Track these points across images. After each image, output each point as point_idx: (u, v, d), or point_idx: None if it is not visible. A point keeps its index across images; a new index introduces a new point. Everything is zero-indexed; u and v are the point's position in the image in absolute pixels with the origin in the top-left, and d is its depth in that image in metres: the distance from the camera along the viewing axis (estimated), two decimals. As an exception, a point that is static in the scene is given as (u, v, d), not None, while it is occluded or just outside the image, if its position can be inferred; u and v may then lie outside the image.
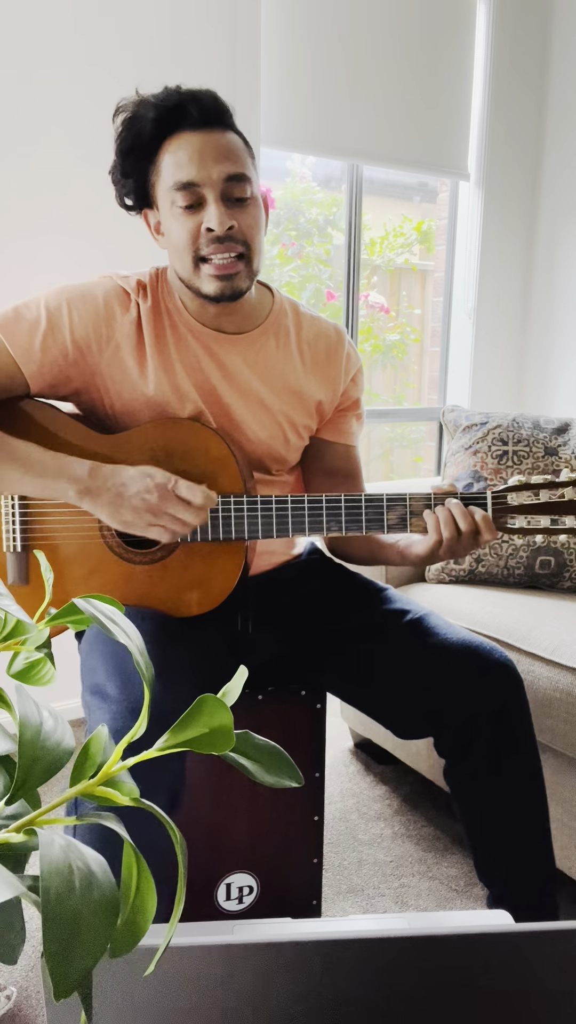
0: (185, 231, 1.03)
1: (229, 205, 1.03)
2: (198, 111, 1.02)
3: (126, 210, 1.12)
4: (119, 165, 1.08)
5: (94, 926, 0.35)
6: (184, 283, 1.08)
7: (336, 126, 2.34)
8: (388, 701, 1.16)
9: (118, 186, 1.10)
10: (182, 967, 0.54)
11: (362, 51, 2.34)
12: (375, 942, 0.55)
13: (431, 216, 3.46)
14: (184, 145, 1.02)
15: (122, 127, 1.06)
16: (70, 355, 1.08)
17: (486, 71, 2.59)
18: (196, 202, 1.03)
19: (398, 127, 2.46)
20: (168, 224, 1.06)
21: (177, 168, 1.02)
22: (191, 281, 1.07)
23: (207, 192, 1.02)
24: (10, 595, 0.49)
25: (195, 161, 1.01)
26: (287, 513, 1.07)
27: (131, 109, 1.05)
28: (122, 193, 1.11)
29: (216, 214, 1.01)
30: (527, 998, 0.57)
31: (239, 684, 0.46)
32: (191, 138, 1.02)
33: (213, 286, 1.05)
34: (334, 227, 3.37)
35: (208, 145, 1.02)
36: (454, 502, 1.05)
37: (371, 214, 3.46)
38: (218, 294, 1.06)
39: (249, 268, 1.06)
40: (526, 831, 1.13)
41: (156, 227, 1.10)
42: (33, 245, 1.88)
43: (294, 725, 1.25)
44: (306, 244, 3.38)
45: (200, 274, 1.05)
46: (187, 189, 1.02)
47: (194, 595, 1.09)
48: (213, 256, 1.03)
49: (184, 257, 1.05)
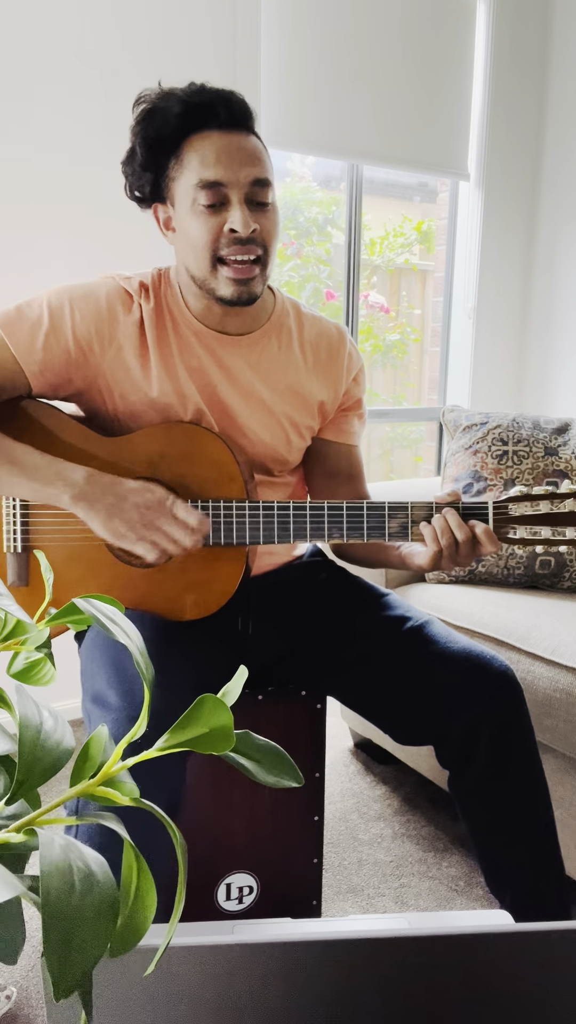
0: (206, 230, 1.03)
1: (252, 208, 1.03)
2: (227, 112, 1.02)
3: (136, 202, 1.11)
4: (140, 157, 1.06)
5: (94, 926, 0.35)
6: (197, 283, 1.07)
7: (336, 126, 2.34)
8: (387, 708, 1.16)
9: (132, 178, 1.09)
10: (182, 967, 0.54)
11: (362, 51, 2.34)
12: (375, 942, 0.55)
13: (431, 216, 3.46)
14: (211, 144, 1.02)
15: (143, 118, 1.04)
16: (72, 355, 1.07)
17: (486, 70, 2.59)
18: (219, 202, 1.02)
19: (398, 127, 2.46)
20: (185, 222, 1.05)
21: (203, 167, 1.01)
22: (206, 282, 1.06)
23: (232, 193, 1.02)
24: (10, 595, 0.49)
25: (223, 161, 1.01)
26: (289, 519, 1.07)
27: (153, 101, 1.04)
28: (135, 185, 1.09)
29: (241, 216, 1.01)
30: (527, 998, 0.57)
31: (239, 684, 0.46)
32: (219, 138, 1.02)
33: (230, 289, 1.05)
34: (333, 226, 3.37)
35: (236, 147, 1.02)
36: (450, 511, 1.05)
37: (371, 214, 3.46)
38: (234, 298, 1.05)
39: (264, 273, 1.06)
40: (532, 840, 1.12)
41: (166, 223, 1.09)
42: (34, 244, 1.88)
43: (294, 725, 1.25)
44: (305, 243, 3.38)
45: (217, 276, 1.05)
46: (212, 188, 1.01)
47: (194, 598, 1.09)
48: (233, 257, 1.03)
49: (201, 256, 1.04)
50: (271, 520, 1.06)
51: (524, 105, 2.69)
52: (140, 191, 1.09)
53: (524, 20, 2.63)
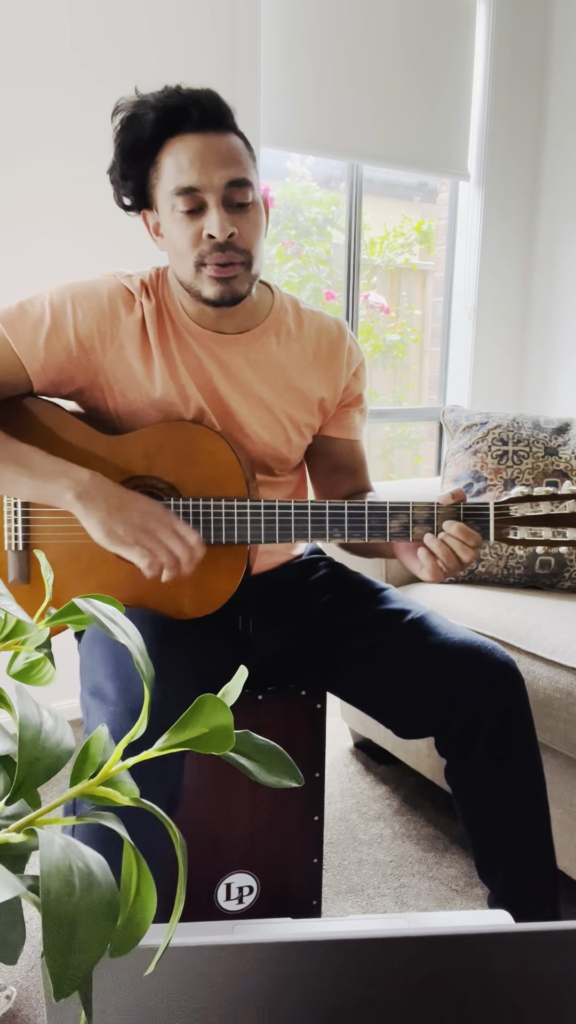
0: (186, 236, 1.03)
1: (230, 210, 1.02)
2: (199, 113, 1.01)
3: (124, 210, 1.12)
4: (118, 166, 1.07)
5: (94, 926, 0.34)
6: (184, 286, 1.08)
7: (336, 126, 2.34)
8: (389, 701, 1.16)
9: (116, 186, 1.09)
10: (182, 967, 0.54)
11: (362, 51, 2.34)
12: (375, 942, 0.55)
13: (431, 216, 3.46)
14: (185, 148, 1.01)
15: (121, 126, 1.05)
16: (74, 353, 1.07)
17: (486, 71, 2.59)
18: (197, 207, 1.02)
19: (398, 127, 2.46)
20: (168, 228, 1.05)
21: (178, 172, 1.01)
22: (192, 285, 1.06)
23: (208, 197, 1.01)
24: (10, 595, 0.49)
25: (196, 166, 1.00)
26: (290, 518, 1.06)
27: (130, 108, 1.04)
28: (121, 193, 1.10)
29: (217, 221, 1.01)
30: (527, 998, 0.57)
31: (239, 684, 0.46)
32: (192, 141, 1.01)
33: (213, 290, 1.05)
34: (333, 226, 3.37)
35: (210, 149, 1.01)
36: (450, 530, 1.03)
37: (371, 214, 3.46)
38: (218, 298, 1.05)
39: (249, 272, 1.06)
40: (527, 830, 1.13)
41: (155, 228, 1.10)
42: (35, 242, 1.88)
43: (294, 725, 1.25)
44: (305, 243, 3.38)
45: (201, 277, 1.05)
46: (188, 194, 1.01)
47: (195, 597, 1.09)
48: (214, 263, 1.03)
49: (185, 261, 1.05)
50: (272, 519, 1.06)
51: (524, 105, 2.69)
52: (126, 199, 1.10)
53: (524, 20, 2.63)
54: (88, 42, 1.87)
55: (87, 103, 1.89)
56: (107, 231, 1.95)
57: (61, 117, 1.86)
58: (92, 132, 1.90)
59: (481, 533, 1.05)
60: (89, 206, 1.92)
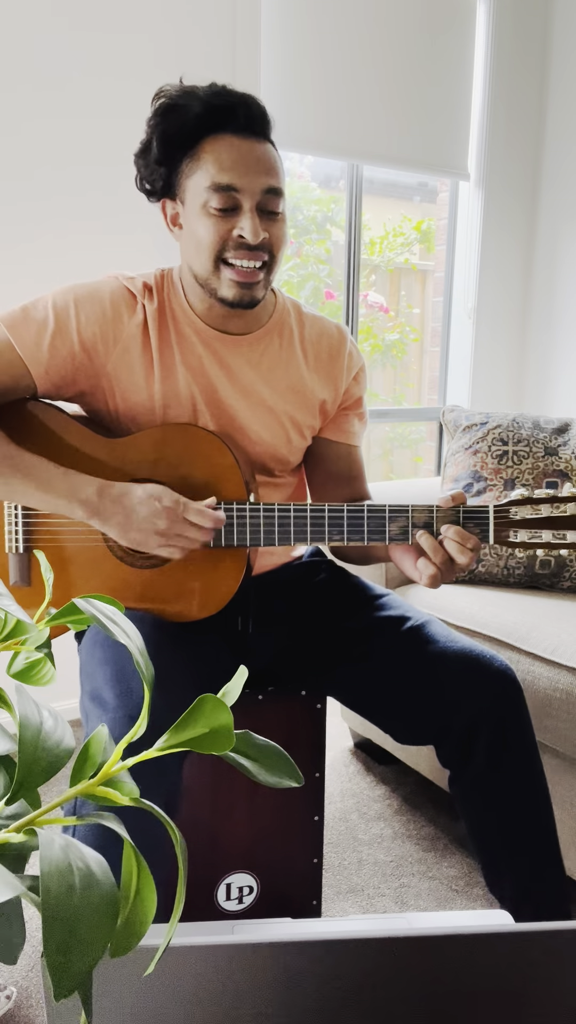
0: (214, 232, 1.03)
1: (262, 217, 1.03)
2: (247, 116, 1.02)
3: (145, 195, 1.11)
4: (156, 152, 1.06)
5: (94, 926, 0.35)
6: (199, 282, 1.08)
7: (336, 126, 2.34)
8: (387, 707, 1.16)
9: (145, 171, 1.08)
10: (182, 967, 0.54)
11: (362, 51, 2.34)
12: (375, 942, 0.55)
13: (431, 216, 3.46)
14: (229, 148, 1.01)
15: (161, 113, 1.04)
16: (77, 355, 1.07)
17: (486, 71, 2.59)
18: (231, 207, 1.02)
19: (398, 127, 2.46)
20: (194, 221, 1.05)
21: (219, 170, 1.01)
22: (208, 281, 1.06)
23: (244, 200, 1.02)
24: (10, 595, 0.49)
25: (239, 167, 1.01)
26: (289, 521, 1.06)
27: (173, 97, 1.04)
28: (147, 179, 1.09)
29: (251, 224, 1.01)
30: (527, 998, 0.57)
31: (239, 684, 0.46)
32: (237, 143, 1.02)
33: (232, 291, 1.05)
34: (332, 225, 3.37)
35: (253, 154, 1.02)
36: (449, 534, 1.02)
37: (371, 214, 3.46)
38: (236, 300, 1.05)
39: (268, 278, 1.07)
40: (531, 839, 1.12)
41: (173, 219, 1.09)
42: (36, 244, 1.88)
43: (294, 725, 1.25)
44: (305, 243, 3.38)
45: (220, 276, 1.05)
46: (225, 192, 1.01)
47: (196, 599, 1.09)
48: (238, 262, 1.03)
49: (206, 256, 1.04)
50: (271, 522, 1.06)
51: (524, 105, 2.69)
52: (152, 184, 1.09)
53: (524, 20, 2.63)
54: (88, 43, 1.87)
55: (87, 104, 1.89)
56: (107, 231, 1.95)
57: (61, 118, 1.86)
58: (92, 133, 1.90)
59: (481, 536, 1.04)
60: (90, 207, 1.92)
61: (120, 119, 1.93)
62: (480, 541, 1.03)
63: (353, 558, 1.29)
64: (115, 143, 1.93)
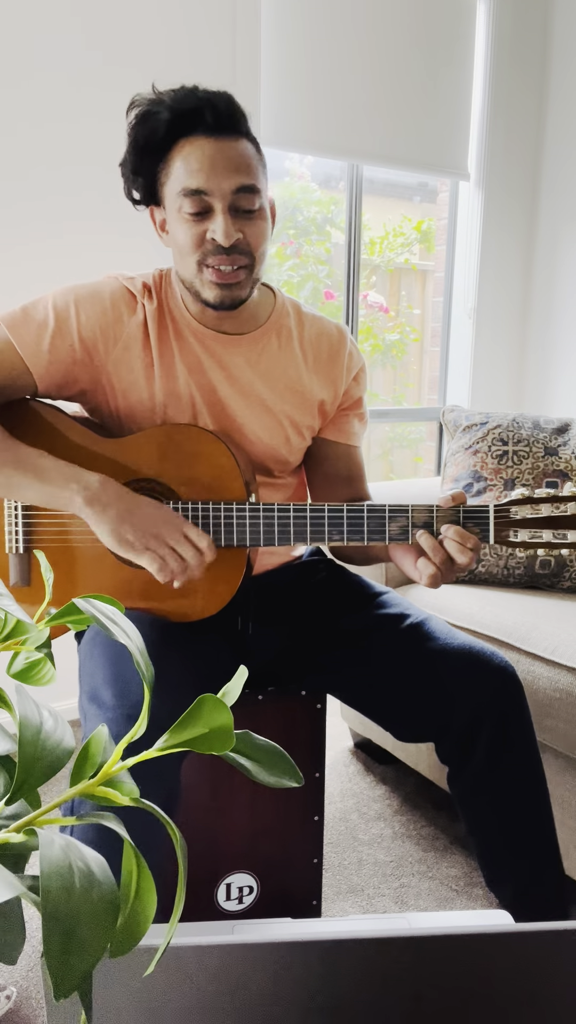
0: (190, 237, 1.03)
1: (237, 216, 1.02)
2: (213, 116, 1.01)
3: (133, 203, 1.12)
4: (130, 161, 1.07)
5: (94, 926, 0.34)
6: (185, 285, 1.08)
7: (336, 126, 2.34)
8: (387, 705, 1.16)
9: (127, 181, 1.09)
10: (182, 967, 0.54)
11: (362, 51, 2.34)
12: (375, 942, 0.55)
13: (431, 216, 3.46)
14: (196, 151, 1.01)
15: (135, 123, 1.05)
16: (77, 355, 1.08)
17: (486, 71, 2.59)
18: (203, 210, 1.02)
19: (398, 127, 2.46)
20: (173, 227, 1.05)
21: (187, 174, 1.01)
22: (192, 284, 1.07)
23: (215, 202, 1.01)
24: (10, 595, 0.49)
25: (205, 170, 1.00)
26: (289, 521, 1.06)
27: (144, 105, 1.04)
28: (131, 187, 1.10)
29: (222, 226, 1.01)
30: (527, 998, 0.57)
31: (239, 684, 0.46)
32: (204, 144, 1.01)
33: (213, 293, 1.05)
34: (332, 225, 3.37)
35: (220, 154, 1.01)
36: (449, 533, 1.02)
37: (371, 214, 3.46)
38: (217, 302, 1.06)
39: (251, 277, 1.06)
40: (530, 838, 1.12)
41: (162, 225, 1.10)
42: (37, 245, 1.88)
43: (294, 725, 1.25)
44: (304, 243, 3.38)
45: (202, 279, 1.05)
46: (195, 196, 1.01)
47: (196, 600, 1.09)
48: (216, 265, 1.03)
49: (187, 260, 1.05)
50: (271, 522, 1.06)
51: (524, 105, 2.69)
52: (136, 193, 1.10)
53: (524, 20, 2.63)
54: (88, 43, 1.87)
55: (87, 104, 1.89)
56: (108, 232, 1.95)
57: (61, 119, 1.86)
58: (92, 133, 1.90)
59: (481, 535, 1.04)
60: (90, 207, 1.92)
61: (119, 120, 1.92)
62: (480, 541, 1.03)
63: (353, 558, 1.29)
64: (113, 144, 1.93)
